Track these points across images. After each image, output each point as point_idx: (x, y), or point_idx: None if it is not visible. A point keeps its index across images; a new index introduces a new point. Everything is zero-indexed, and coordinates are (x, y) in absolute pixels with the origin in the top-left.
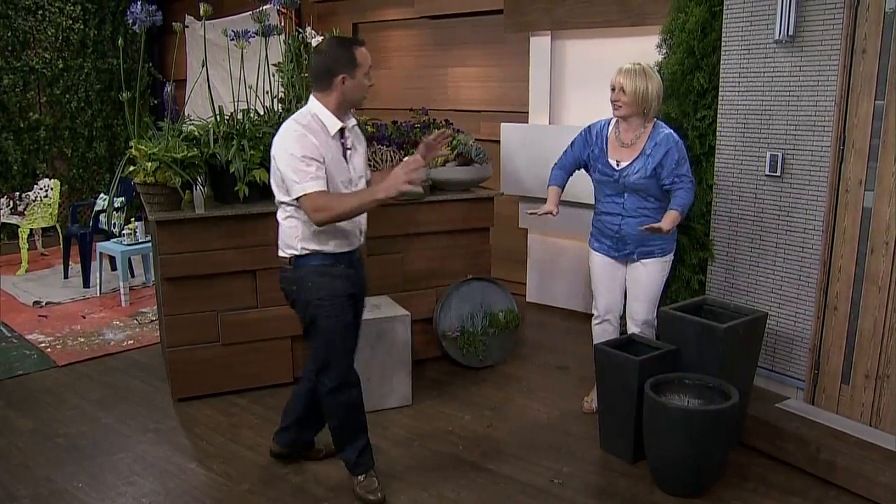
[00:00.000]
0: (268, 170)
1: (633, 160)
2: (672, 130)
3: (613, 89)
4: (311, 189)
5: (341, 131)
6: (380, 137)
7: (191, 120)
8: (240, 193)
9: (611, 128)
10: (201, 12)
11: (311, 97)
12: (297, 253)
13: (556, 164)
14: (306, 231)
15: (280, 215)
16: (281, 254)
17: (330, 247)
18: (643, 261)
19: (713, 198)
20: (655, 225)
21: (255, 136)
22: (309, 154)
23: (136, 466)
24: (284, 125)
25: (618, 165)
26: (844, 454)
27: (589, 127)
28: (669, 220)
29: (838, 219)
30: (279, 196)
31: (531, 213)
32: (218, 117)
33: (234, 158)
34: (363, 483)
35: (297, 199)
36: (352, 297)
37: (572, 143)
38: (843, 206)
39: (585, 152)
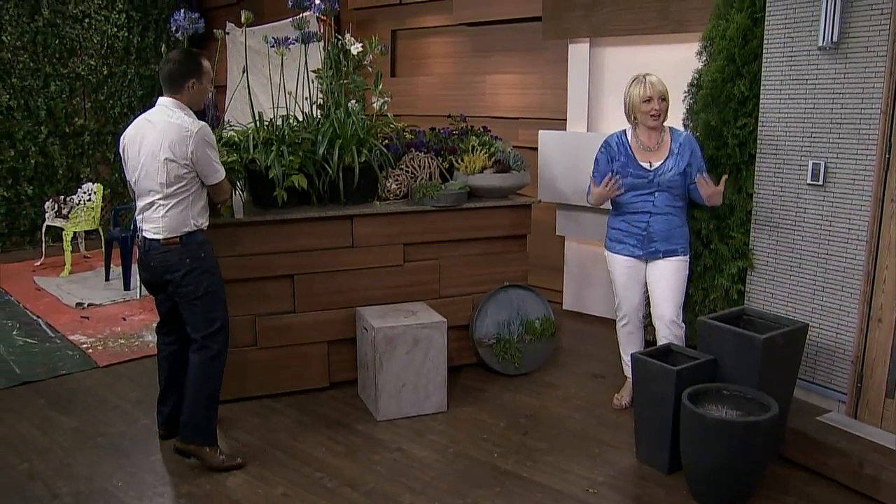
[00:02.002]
0: (307, 175)
1: (665, 160)
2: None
3: (650, 99)
4: (224, 174)
5: None
6: (418, 144)
7: (231, 126)
8: (278, 199)
9: (629, 136)
10: (242, 19)
11: (169, 98)
12: (189, 230)
13: (592, 185)
14: (197, 210)
15: (170, 202)
16: (168, 235)
17: (208, 222)
18: (669, 258)
19: (753, 207)
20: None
21: (295, 141)
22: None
23: (174, 467)
24: (184, 120)
25: (651, 166)
26: (889, 470)
27: (606, 142)
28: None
29: (883, 229)
30: (171, 187)
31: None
32: (258, 123)
33: (274, 164)
34: (220, 452)
35: (219, 181)
36: None
37: (596, 163)
38: (888, 216)
39: (609, 166)
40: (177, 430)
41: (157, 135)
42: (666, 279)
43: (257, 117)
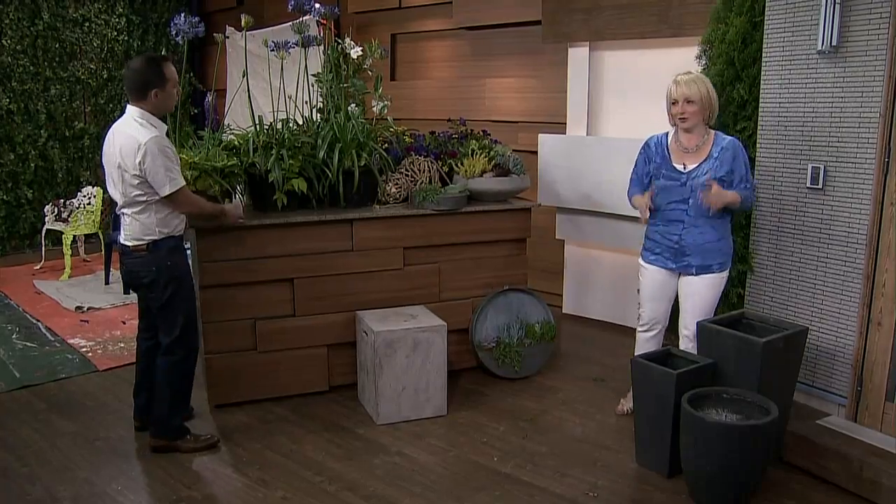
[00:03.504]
0: (307, 179)
1: (701, 163)
2: (734, 137)
3: (676, 102)
4: (181, 184)
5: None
6: (418, 148)
7: (231, 129)
8: (278, 202)
9: (670, 138)
10: (243, 23)
11: (133, 107)
12: (155, 238)
13: (630, 189)
14: (160, 219)
15: (131, 210)
16: (134, 243)
17: (177, 230)
18: (702, 276)
19: (753, 210)
20: (715, 194)
21: (294, 145)
22: (173, 154)
23: (174, 471)
24: (137, 131)
25: (685, 168)
26: (889, 473)
27: (646, 142)
28: (729, 194)
29: (882, 232)
30: (129, 197)
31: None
32: (258, 127)
33: (273, 168)
34: (191, 437)
35: (171, 193)
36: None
37: (635, 166)
38: (887, 219)
39: (648, 167)
40: (149, 424)
41: (116, 145)
42: (696, 296)
43: (257, 121)
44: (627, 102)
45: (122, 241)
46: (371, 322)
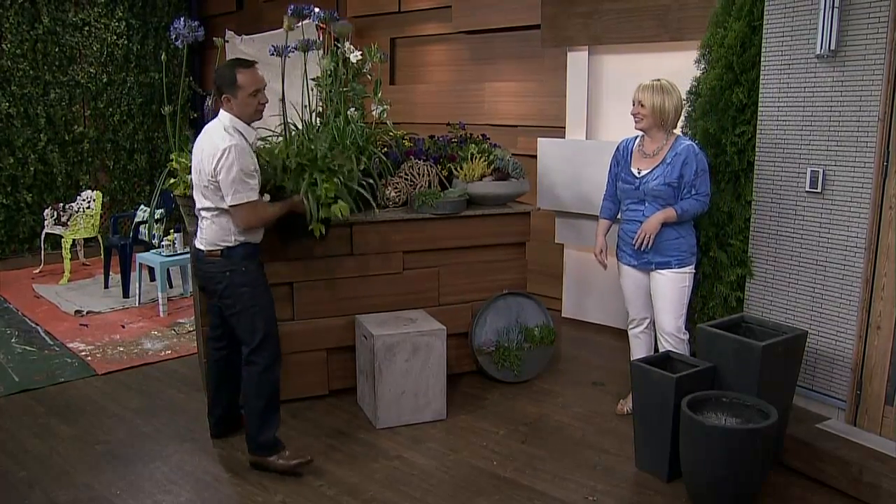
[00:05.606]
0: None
1: (654, 168)
2: (693, 143)
3: (634, 103)
4: (246, 200)
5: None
6: (417, 152)
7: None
8: (315, 232)
9: (636, 142)
10: (285, 26)
11: (222, 111)
12: (230, 245)
13: (604, 195)
14: (236, 226)
15: (207, 215)
16: (209, 248)
17: (255, 238)
18: (661, 271)
19: (752, 214)
20: (641, 232)
21: (329, 167)
22: (251, 169)
23: (173, 475)
24: (220, 136)
25: (639, 174)
26: (889, 477)
27: (617, 145)
28: (660, 216)
29: (881, 235)
30: (208, 200)
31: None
32: (287, 139)
33: (308, 194)
34: (286, 456)
35: (234, 205)
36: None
37: (609, 168)
38: (886, 223)
39: (617, 169)
40: (228, 429)
41: (200, 147)
42: (661, 291)
43: (277, 131)
44: (627, 106)
45: (197, 244)
46: (370, 326)
